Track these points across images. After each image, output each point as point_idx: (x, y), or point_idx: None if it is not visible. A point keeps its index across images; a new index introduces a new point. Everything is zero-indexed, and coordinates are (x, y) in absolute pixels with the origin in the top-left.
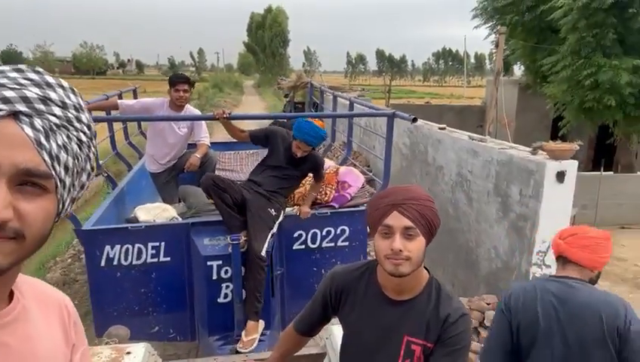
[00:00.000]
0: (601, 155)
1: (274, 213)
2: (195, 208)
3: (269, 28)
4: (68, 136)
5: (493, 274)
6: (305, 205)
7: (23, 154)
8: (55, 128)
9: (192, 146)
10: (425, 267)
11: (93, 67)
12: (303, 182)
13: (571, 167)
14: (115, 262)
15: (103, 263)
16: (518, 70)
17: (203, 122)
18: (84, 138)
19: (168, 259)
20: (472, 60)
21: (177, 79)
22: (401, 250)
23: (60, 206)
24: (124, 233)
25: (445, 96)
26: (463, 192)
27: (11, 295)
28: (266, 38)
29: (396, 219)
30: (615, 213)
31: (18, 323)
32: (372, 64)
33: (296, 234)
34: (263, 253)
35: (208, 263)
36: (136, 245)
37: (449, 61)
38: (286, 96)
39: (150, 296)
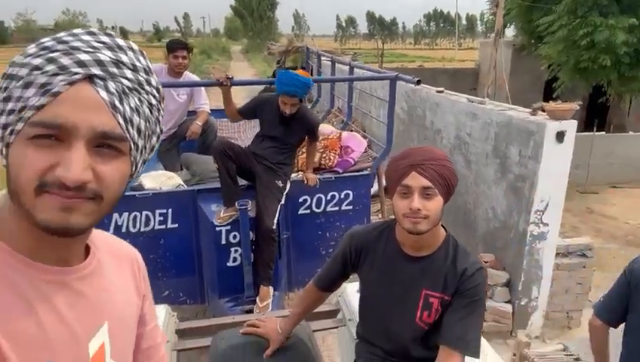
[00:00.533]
0: (594, 116)
1: (281, 185)
2: (199, 175)
3: None
4: (139, 100)
5: (491, 234)
6: (308, 171)
7: (99, 117)
8: (127, 91)
9: (192, 114)
10: (442, 225)
11: None
12: (305, 148)
13: (571, 127)
14: (124, 230)
15: (111, 231)
16: (511, 32)
17: (202, 89)
18: (153, 101)
19: (176, 225)
20: (464, 22)
21: (176, 45)
22: (419, 209)
23: (133, 167)
24: (131, 200)
25: (437, 59)
26: (462, 155)
27: (87, 249)
28: (254, 0)
29: (415, 180)
30: (606, 173)
31: (94, 276)
32: (363, 27)
33: (301, 199)
34: (274, 226)
35: (217, 228)
36: (144, 212)
37: (440, 23)
38: (278, 62)
39: (160, 261)
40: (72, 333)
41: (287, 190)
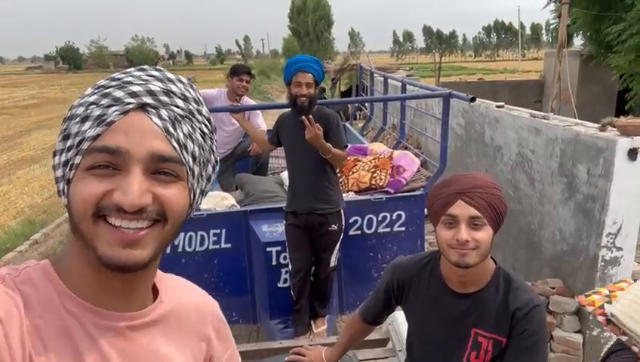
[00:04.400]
0: None
1: (336, 228)
2: (253, 195)
3: (313, 11)
4: (192, 127)
5: (558, 258)
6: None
7: (153, 142)
8: (180, 118)
9: (247, 137)
10: (492, 258)
11: (145, 60)
12: (357, 168)
13: None
14: (180, 249)
15: (168, 250)
16: (579, 41)
17: (259, 111)
18: (206, 130)
19: (229, 245)
20: (528, 32)
21: (241, 69)
22: (467, 241)
23: (192, 196)
24: (187, 221)
25: (498, 71)
26: (524, 173)
27: (156, 293)
28: (310, 21)
29: (462, 209)
30: None
31: (155, 326)
32: (419, 41)
33: (351, 220)
34: (333, 264)
35: (268, 249)
36: (199, 232)
37: (501, 34)
38: (332, 80)
39: (213, 281)
40: None
41: (343, 225)
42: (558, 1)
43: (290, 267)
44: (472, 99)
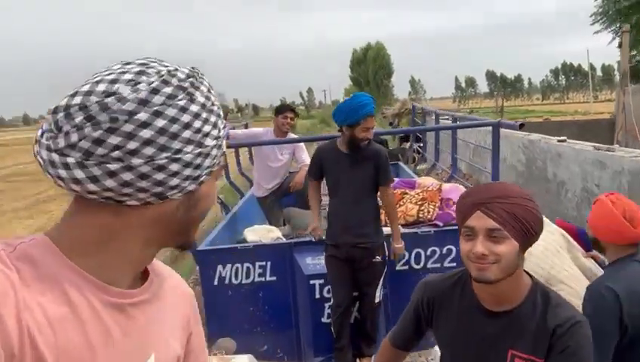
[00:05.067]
0: None
1: (380, 260)
2: (299, 229)
3: (373, 61)
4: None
5: None
6: (395, 241)
7: None
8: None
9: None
10: (528, 273)
11: None
12: (404, 201)
13: None
14: (227, 281)
15: (216, 282)
16: None
17: (304, 147)
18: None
19: (274, 278)
20: (599, 73)
21: (284, 107)
22: (484, 254)
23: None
24: (233, 253)
25: (568, 113)
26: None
27: (147, 275)
28: (370, 71)
29: (479, 220)
30: None
31: (149, 304)
32: (483, 87)
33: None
34: (378, 300)
35: (311, 282)
36: (245, 264)
37: (570, 76)
38: (390, 124)
39: (258, 314)
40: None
41: (387, 256)
42: (620, 32)
43: (332, 299)
44: (521, 126)
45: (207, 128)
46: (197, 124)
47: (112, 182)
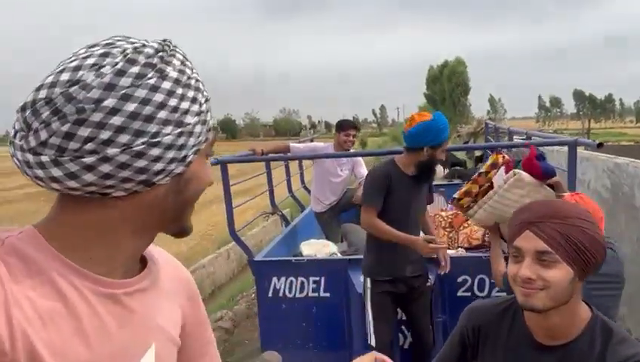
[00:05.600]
0: None
1: (430, 284)
2: (356, 246)
3: (448, 79)
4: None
5: None
6: (441, 251)
7: None
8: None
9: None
10: (588, 304)
11: (290, 129)
12: (468, 223)
13: None
14: (281, 294)
15: (270, 294)
16: None
17: (363, 162)
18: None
19: (328, 294)
20: None
21: (347, 124)
22: (530, 278)
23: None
24: (288, 265)
25: None
26: None
27: (144, 264)
28: (446, 89)
29: (528, 241)
30: None
31: (146, 292)
32: (569, 107)
33: (460, 279)
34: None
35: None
36: (299, 278)
37: None
38: (465, 143)
39: (311, 331)
40: (121, 355)
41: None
42: None
43: (371, 341)
44: (600, 145)
45: (185, 105)
46: (172, 102)
47: (91, 176)
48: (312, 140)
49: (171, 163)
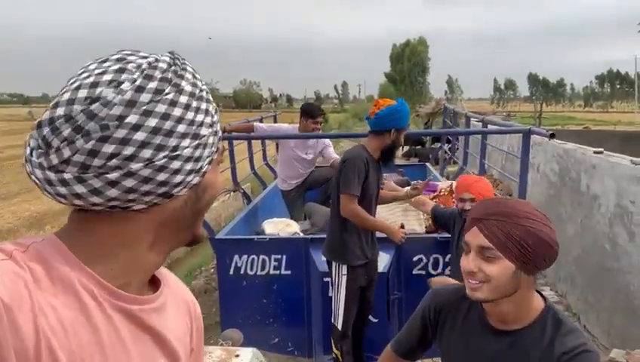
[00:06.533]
0: None
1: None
2: (318, 226)
3: (408, 58)
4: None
5: None
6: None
7: None
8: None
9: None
10: (541, 294)
11: (250, 102)
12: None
13: None
14: (242, 272)
15: (231, 271)
16: None
17: (331, 144)
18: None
19: (289, 272)
20: None
21: (317, 112)
22: (473, 271)
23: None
24: (250, 244)
25: (611, 122)
26: (624, 226)
27: (158, 283)
28: (405, 68)
29: (474, 236)
30: None
31: (160, 311)
32: (523, 90)
33: (415, 258)
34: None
35: (325, 279)
36: (261, 256)
37: (616, 84)
38: (425, 123)
39: (271, 307)
40: None
41: None
42: None
43: (337, 322)
44: (552, 136)
45: (200, 117)
46: (189, 115)
47: (114, 191)
48: (275, 117)
49: (189, 174)
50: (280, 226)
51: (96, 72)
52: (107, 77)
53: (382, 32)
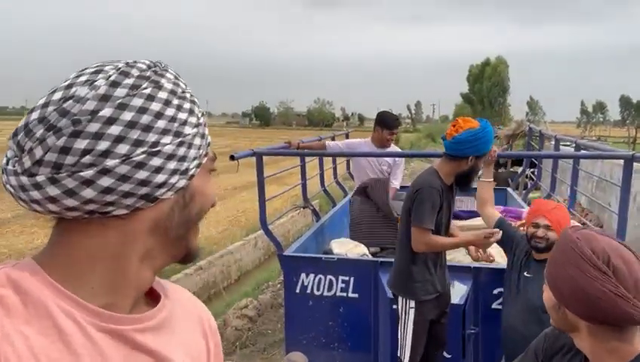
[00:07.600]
0: None
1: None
2: (388, 250)
3: (488, 78)
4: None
5: None
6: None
7: None
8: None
9: None
10: None
11: (323, 120)
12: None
13: None
14: (309, 291)
15: (298, 290)
16: None
17: (402, 165)
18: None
19: (356, 295)
20: None
21: (395, 123)
22: None
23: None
24: (318, 263)
25: None
26: None
27: (157, 299)
28: (484, 88)
29: None
30: None
31: (161, 329)
32: (614, 113)
33: (496, 291)
34: None
35: (394, 307)
36: (328, 276)
37: None
38: (504, 147)
39: (337, 330)
40: None
41: None
42: None
43: (403, 357)
44: None
45: (182, 115)
46: (169, 111)
47: (90, 191)
48: (347, 135)
49: (173, 175)
50: (348, 246)
51: (73, 76)
52: (83, 78)
53: (458, 52)
